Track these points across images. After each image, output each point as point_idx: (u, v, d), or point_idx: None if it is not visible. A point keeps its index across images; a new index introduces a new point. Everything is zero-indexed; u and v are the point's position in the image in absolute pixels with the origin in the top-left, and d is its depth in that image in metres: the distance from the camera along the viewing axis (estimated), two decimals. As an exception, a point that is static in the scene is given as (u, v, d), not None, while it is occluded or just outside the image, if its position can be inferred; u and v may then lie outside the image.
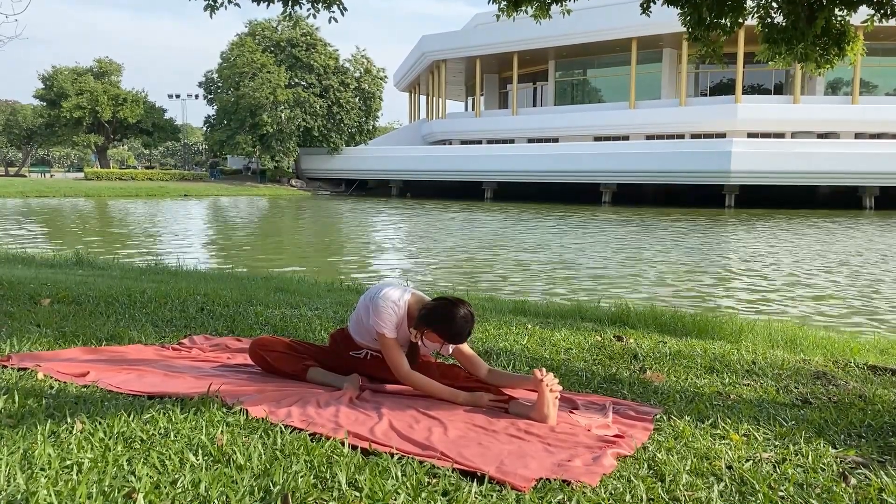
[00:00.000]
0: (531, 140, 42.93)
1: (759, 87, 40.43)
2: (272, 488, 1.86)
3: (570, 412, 2.75)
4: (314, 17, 5.72)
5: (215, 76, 46.59)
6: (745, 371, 3.63)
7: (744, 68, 36.06)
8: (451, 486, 1.95)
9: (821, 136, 35.00)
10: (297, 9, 5.54)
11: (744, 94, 37.38)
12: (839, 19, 5.02)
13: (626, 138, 38.95)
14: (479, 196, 40.38)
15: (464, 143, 45.95)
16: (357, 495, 1.85)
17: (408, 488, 1.91)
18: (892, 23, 4.99)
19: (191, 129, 77.30)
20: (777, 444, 2.43)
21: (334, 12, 5.66)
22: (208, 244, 17.53)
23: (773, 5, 5.10)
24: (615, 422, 2.64)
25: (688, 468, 2.16)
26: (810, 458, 2.29)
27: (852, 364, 3.94)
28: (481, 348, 3.86)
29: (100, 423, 2.29)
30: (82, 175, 49.81)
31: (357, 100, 47.92)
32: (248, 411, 2.50)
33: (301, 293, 6.18)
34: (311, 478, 1.94)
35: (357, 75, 48.55)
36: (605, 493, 1.96)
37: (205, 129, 49.67)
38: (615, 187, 35.75)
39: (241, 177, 51.96)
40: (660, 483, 2.04)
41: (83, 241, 16.26)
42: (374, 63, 49.49)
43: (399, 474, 2.01)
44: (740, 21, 5.17)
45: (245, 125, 44.57)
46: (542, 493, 1.94)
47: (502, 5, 5.36)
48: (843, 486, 2.06)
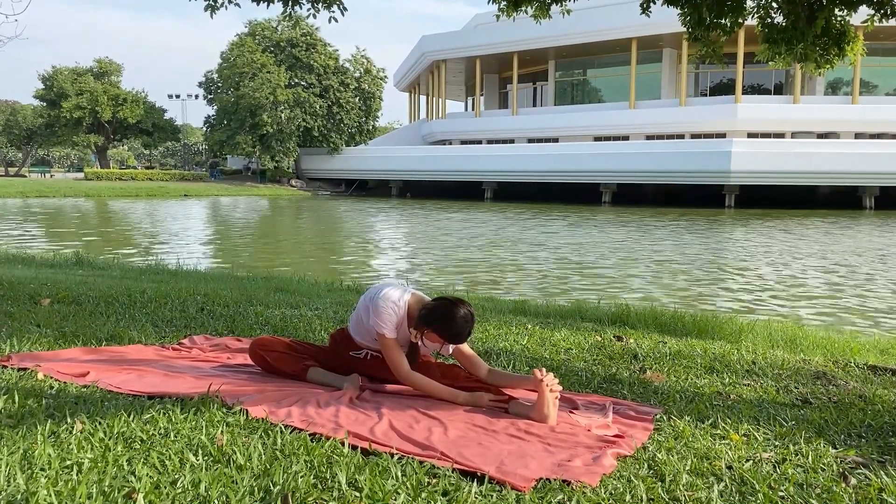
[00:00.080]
0: (531, 140, 42.93)
1: (759, 87, 40.44)
2: (272, 488, 1.86)
3: (570, 412, 2.75)
4: (314, 17, 5.72)
5: (215, 76, 46.62)
6: (745, 371, 3.63)
7: (744, 68, 36.07)
8: (451, 486, 1.95)
9: (821, 136, 35.01)
10: (297, 9, 5.54)
11: (744, 94, 37.39)
12: (839, 19, 5.02)
13: (626, 138, 38.96)
14: (479, 196, 40.39)
15: (464, 143, 45.96)
16: (357, 495, 1.85)
17: (408, 488, 1.91)
18: (892, 23, 4.99)
19: (191, 129, 77.26)
20: (777, 444, 2.43)
21: (334, 12, 5.66)
22: (208, 244, 17.52)
23: (773, 5, 5.10)
24: (615, 422, 2.64)
25: (688, 468, 2.16)
26: (810, 458, 2.29)
27: (852, 364, 3.94)
28: (481, 348, 3.86)
29: (100, 424, 2.29)
30: (82, 175, 49.82)
31: (357, 100, 47.95)
32: (248, 411, 2.50)
33: (301, 293, 6.18)
34: (311, 478, 1.94)
35: (357, 75, 48.58)
36: (605, 493, 1.96)
37: (205, 129, 49.69)
38: (615, 187, 35.77)
39: (241, 177, 51.98)
40: (660, 483, 2.04)
41: (83, 242, 16.26)
42: (374, 63, 49.57)
43: (399, 474, 2.00)
44: (740, 21, 5.17)
45: (245, 125, 44.59)
46: (542, 493, 1.94)
47: (502, 5, 5.36)
48: (843, 486, 2.06)
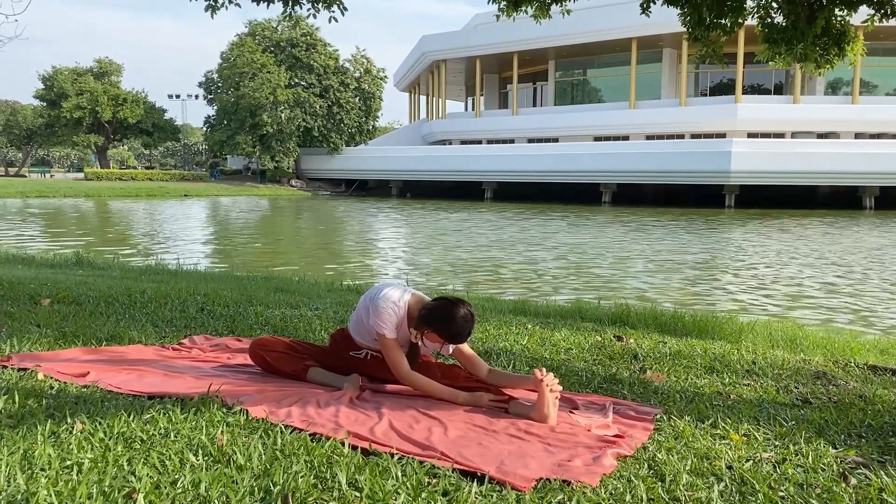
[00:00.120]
0: (531, 140, 42.93)
1: (759, 87, 40.44)
2: (272, 488, 1.86)
3: (570, 412, 2.75)
4: (314, 17, 5.72)
5: (215, 76, 46.62)
6: (745, 371, 3.63)
7: (744, 68, 36.07)
8: (451, 487, 1.95)
9: (821, 136, 35.01)
10: (297, 9, 5.54)
11: (744, 94, 37.38)
12: (839, 19, 5.02)
13: (626, 138, 38.96)
14: (479, 196, 40.39)
15: (464, 143, 45.96)
16: (357, 495, 1.85)
17: (408, 488, 1.91)
18: (892, 23, 4.99)
19: (191, 129, 77.30)
20: (777, 444, 2.43)
21: (334, 12, 5.66)
22: (208, 244, 17.52)
23: (773, 5, 5.10)
24: (615, 422, 2.64)
25: (688, 468, 2.16)
26: (810, 458, 2.29)
27: (852, 364, 3.94)
28: (481, 348, 3.86)
29: (100, 424, 2.29)
30: (82, 175, 49.83)
31: (357, 100, 47.95)
32: (248, 411, 2.50)
33: (301, 293, 6.18)
34: (312, 478, 1.94)
35: (357, 75, 48.58)
36: (605, 493, 1.96)
37: (205, 129, 49.69)
38: (615, 187, 35.77)
39: (241, 177, 51.97)
40: (660, 483, 2.04)
41: (83, 241, 16.26)
42: (374, 63, 49.57)
43: (399, 474, 2.01)
44: (740, 21, 5.17)
45: (245, 125, 44.59)
46: (542, 493, 1.94)
47: (502, 5, 5.36)
48: (844, 486, 2.06)
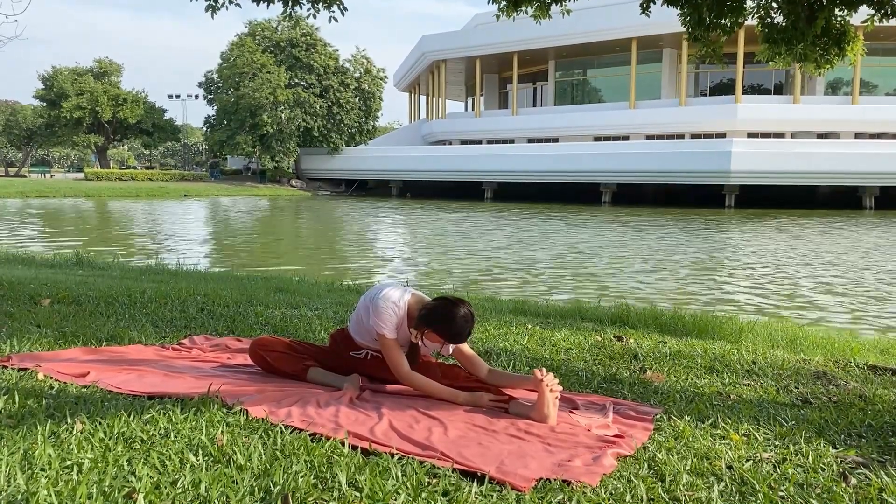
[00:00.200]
0: (531, 140, 42.93)
1: (759, 87, 40.43)
2: (272, 488, 1.86)
3: (570, 412, 2.75)
4: (314, 17, 5.72)
5: (215, 76, 46.62)
6: (745, 371, 3.63)
7: (744, 68, 36.06)
8: (451, 487, 1.95)
9: (821, 136, 35.01)
10: (297, 9, 5.54)
11: (744, 94, 37.38)
12: (839, 19, 5.02)
13: (626, 138, 38.96)
14: (479, 196, 40.39)
15: (464, 143, 45.96)
16: (357, 495, 1.85)
17: (408, 488, 1.91)
18: (893, 23, 4.99)
19: (191, 129, 77.29)
20: (777, 444, 2.43)
21: (334, 12, 5.66)
22: (208, 244, 17.52)
23: (773, 5, 5.10)
24: (615, 422, 2.64)
25: (688, 468, 2.16)
26: (810, 458, 2.29)
27: (852, 364, 3.94)
28: (481, 348, 3.86)
29: (100, 424, 2.29)
30: (82, 175, 49.84)
31: (357, 100, 47.95)
32: (248, 411, 2.50)
33: (301, 293, 6.18)
34: (312, 478, 1.94)
35: (357, 75, 48.58)
36: (605, 493, 1.96)
37: (205, 129, 49.69)
38: (615, 187, 35.77)
39: (241, 177, 51.97)
40: (660, 483, 2.04)
41: (83, 242, 16.26)
42: (374, 63, 49.58)
43: (399, 474, 2.01)
44: (740, 21, 5.17)
45: (245, 125, 44.59)
46: (542, 493, 1.94)
47: (502, 5, 5.36)
48: (844, 486, 2.06)
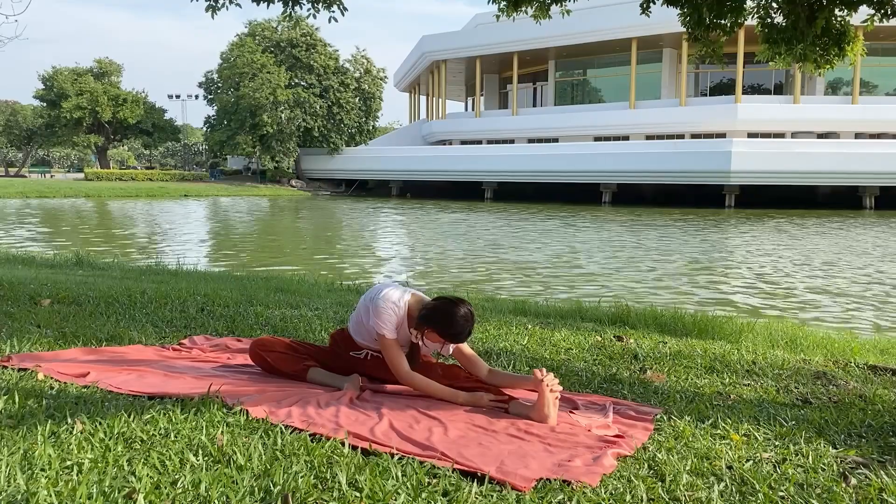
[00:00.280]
0: (531, 140, 42.92)
1: (759, 87, 40.42)
2: (272, 489, 1.86)
3: (571, 412, 2.75)
4: (314, 17, 5.72)
5: (215, 76, 46.64)
6: (745, 371, 3.63)
7: (744, 68, 36.05)
8: (451, 487, 1.95)
9: (821, 136, 34.99)
10: (297, 9, 5.54)
11: (744, 94, 37.36)
12: (839, 19, 5.02)
13: (626, 138, 38.95)
14: (478, 196, 40.39)
15: (464, 143, 45.94)
16: (357, 495, 1.85)
17: (408, 488, 1.91)
18: (893, 23, 4.99)
19: (191, 129, 77.32)
20: (777, 444, 2.43)
21: (334, 12, 5.66)
22: (208, 244, 17.52)
23: (773, 5, 5.10)
24: (615, 422, 2.64)
25: (688, 468, 2.16)
26: (810, 458, 2.29)
27: (852, 364, 3.94)
28: (481, 348, 3.86)
29: (100, 424, 2.29)
30: (82, 175, 49.87)
31: (357, 100, 47.96)
32: (248, 412, 2.50)
33: (301, 293, 6.18)
34: (312, 478, 1.94)
35: (357, 75, 48.60)
36: (605, 493, 1.96)
37: (205, 129, 49.71)
38: (615, 187, 35.76)
39: (241, 177, 51.99)
40: (660, 483, 2.04)
41: (83, 242, 16.26)
42: (374, 63, 49.61)
43: (399, 474, 2.00)
44: (740, 21, 5.17)
45: (245, 125, 44.60)
46: (542, 493, 1.94)
47: (502, 5, 5.36)
48: (844, 486, 2.06)
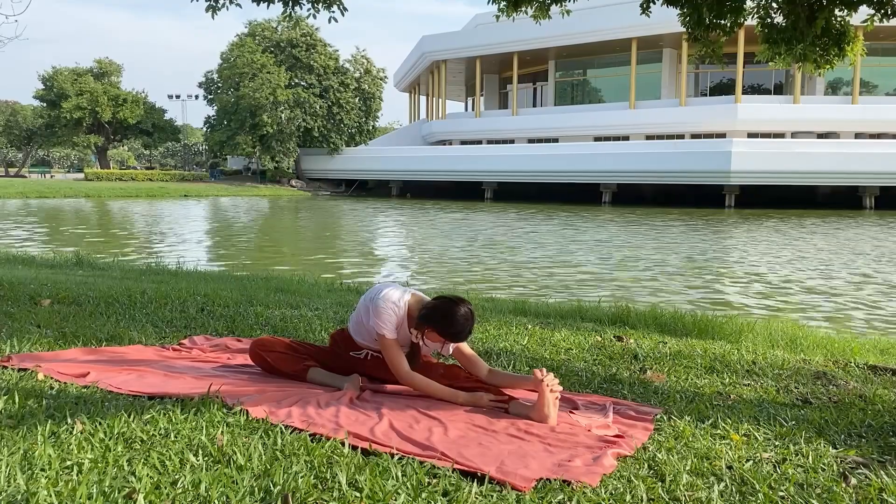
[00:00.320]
0: (531, 140, 42.92)
1: (759, 87, 40.41)
2: (272, 489, 1.86)
3: (571, 412, 2.75)
4: (314, 17, 5.73)
5: (215, 76, 46.66)
6: (745, 371, 3.63)
7: (744, 68, 36.04)
8: (451, 487, 1.95)
9: (821, 136, 34.98)
10: (297, 9, 5.54)
11: (744, 94, 37.36)
12: (839, 19, 5.02)
13: (626, 138, 38.95)
14: (478, 196, 40.39)
15: (464, 143, 45.94)
16: (357, 495, 1.85)
17: (408, 488, 1.91)
18: (893, 23, 4.99)
19: (191, 129, 77.32)
20: (777, 444, 2.43)
21: (334, 12, 5.66)
22: (208, 244, 17.52)
23: (773, 5, 5.10)
24: (615, 422, 2.63)
25: (688, 468, 2.16)
26: (810, 458, 2.28)
27: (852, 364, 3.94)
28: (481, 348, 3.85)
29: (100, 424, 2.29)
30: (82, 176, 49.88)
31: (357, 100, 47.97)
32: (248, 412, 2.50)
33: (301, 293, 6.18)
34: (312, 478, 1.94)
35: (357, 76, 48.61)
36: (605, 493, 1.96)
37: (205, 129, 49.72)
38: (615, 187, 35.76)
39: (241, 177, 51.99)
40: (660, 483, 2.04)
41: (83, 242, 16.26)
42: (374, 63, 49.63)
43: (399, 474, 2.00)
44: (740, 21, 5.17)
45: (245, 125, 44.61)
46: (542, 493, 1.94)
47: (502, 6, 5.36)
48: (844, 486, 2.06)
